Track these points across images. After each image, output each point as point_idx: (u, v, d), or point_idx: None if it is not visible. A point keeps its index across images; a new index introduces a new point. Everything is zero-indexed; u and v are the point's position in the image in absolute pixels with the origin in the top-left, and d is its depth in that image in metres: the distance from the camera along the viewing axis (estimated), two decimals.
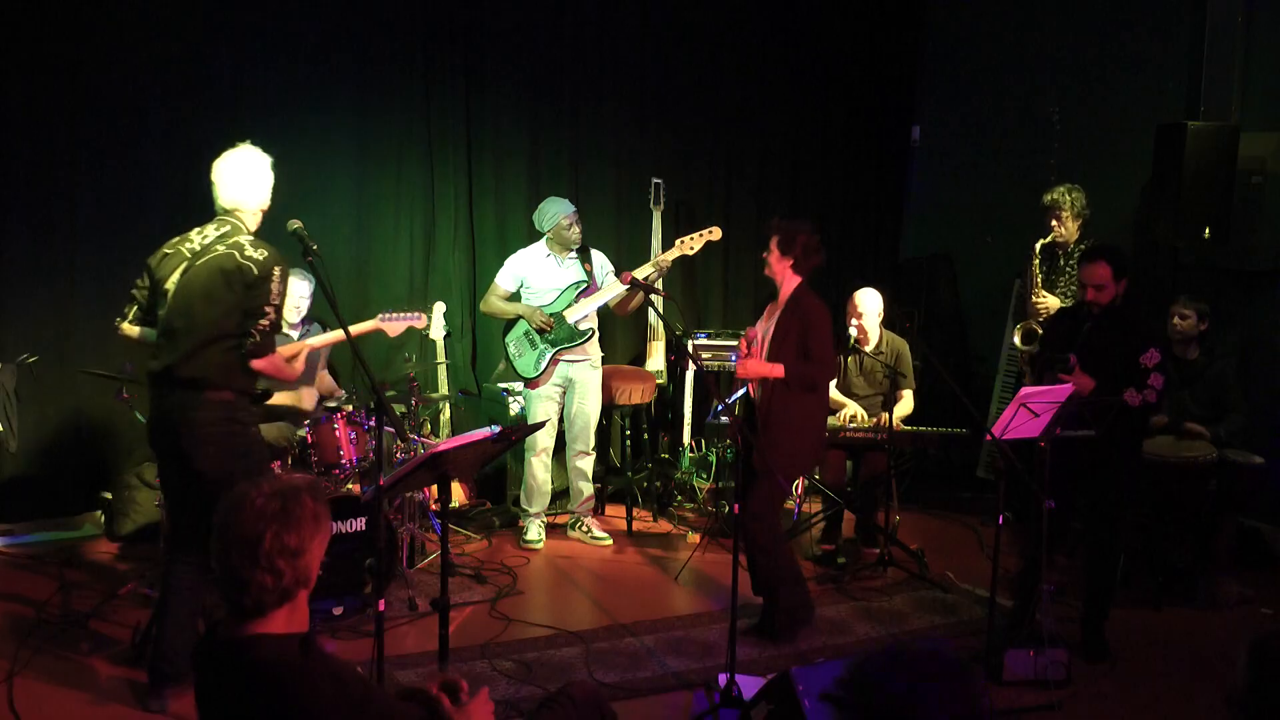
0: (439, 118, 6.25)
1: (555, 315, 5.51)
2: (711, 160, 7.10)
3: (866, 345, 5.57)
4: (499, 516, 5.95)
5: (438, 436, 5.76)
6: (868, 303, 5.54)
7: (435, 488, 5.15)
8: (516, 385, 5.83)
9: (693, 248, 5.57)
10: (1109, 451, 4.20)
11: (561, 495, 5.96)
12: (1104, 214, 5.88)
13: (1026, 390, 3.95)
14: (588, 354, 5.61)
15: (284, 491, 2.13)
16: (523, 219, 6.34)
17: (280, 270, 3.71)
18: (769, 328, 4.47)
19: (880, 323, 5.60)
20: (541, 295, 5.56)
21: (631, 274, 4.85)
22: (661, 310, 5.42)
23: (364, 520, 4.60)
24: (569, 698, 2.69)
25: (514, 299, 5.61)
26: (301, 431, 4.96)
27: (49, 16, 5.29)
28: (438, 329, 5.84)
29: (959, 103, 7.46)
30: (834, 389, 5.50)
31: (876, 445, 5.43)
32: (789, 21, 7.16)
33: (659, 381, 6.42)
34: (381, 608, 3.18)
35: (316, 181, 5.94)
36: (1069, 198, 5.53)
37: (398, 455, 5.09)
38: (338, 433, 4.85)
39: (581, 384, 5.61)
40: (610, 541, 5.70)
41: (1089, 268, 4.23)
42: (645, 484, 6.30)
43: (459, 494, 5.80)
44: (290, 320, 5.17)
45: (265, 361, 3.72)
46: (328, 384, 5.54)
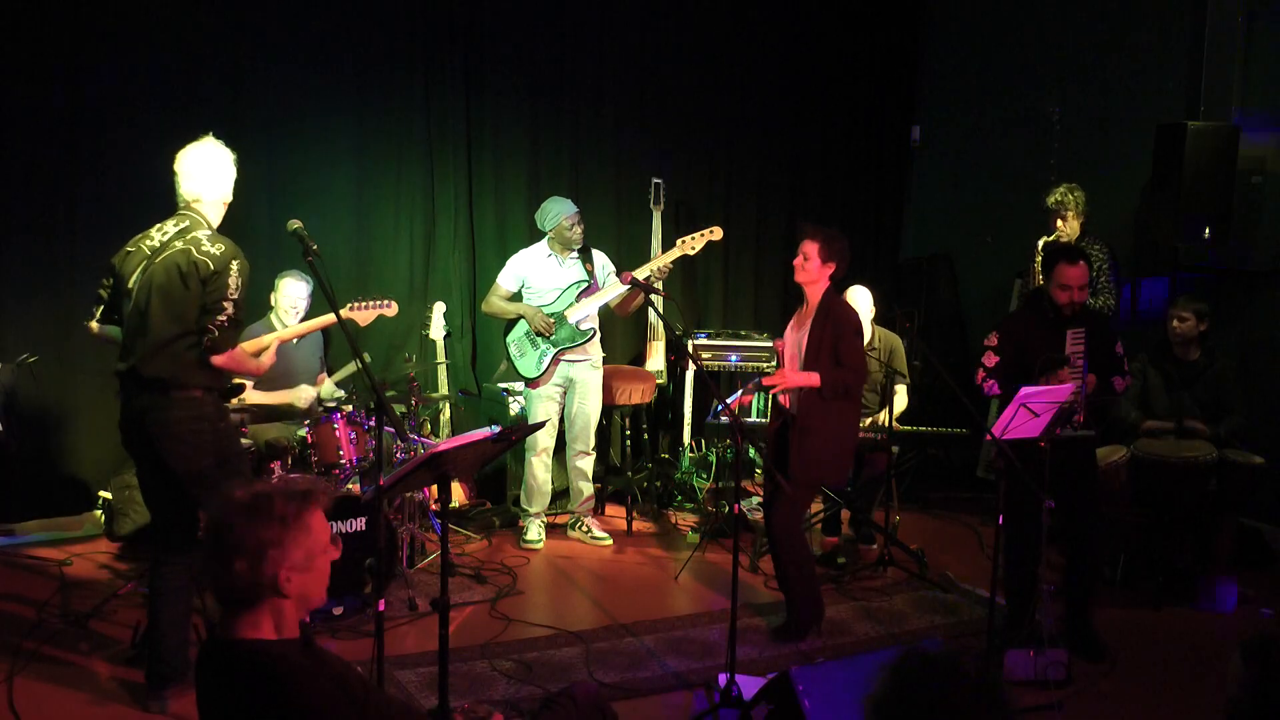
0: (439, 118, 6.25)
1: (556, 315, 5.51)
2: (711, 160, 7.10)
3: None
4: (499, 516, 5.95)
5: (438, 436, 5.76)
6: (859, 301, 5.55)
7: (435, 488, 5.15)
8: (516, 385, 5.83)
9: (694, 248, 5.57)
10: (1082, 446, 4.28)
11: (561, 495, 5.96)
12: (1104, 214, 5.88)
13: (1026, 390, 3.94)
14: (589, 354, 5.61)
15: (260, 491, 2.16)
16: (523, 219, 6.34)
17: (238, 264, 3.67)
18: (802, 336, 4.43)
19: (872, 319, 5.61)
20: (543, 295, 5.56)
21: (632, 274, 4.86)
22: (661, 310, 5.42)
23: (364, 520, 4.60)
24: (570, 698, 2.69)
25: (515, 299, 5.61)
26: (301, 431, 4.96)
27: (49, 18, 5.29)
28: (438, 329, 5.85)
29: (959, 103, 7.46)
30: None
31: (877, 445, 5.44)
32: (789, 21, 7.16)
33: (659, 381, 6.42)
34: (381, 608, 3.18)
35: (316, 181, 5.94)
36: (1073, 197, 5.56)
37: (398, 455, 5.09)
38: (338, 433, 4.85)
39: (582, 384, 5.61)
40: (610, 541, 5.70)
41: (1071, 270, 4.24)
42: (645, 484, 6.29)
43: (459, 494, 5.80)
44: (289, 321, 5.17)
45: (225, 357, 3.67)
46: (327, 385, 5.55)
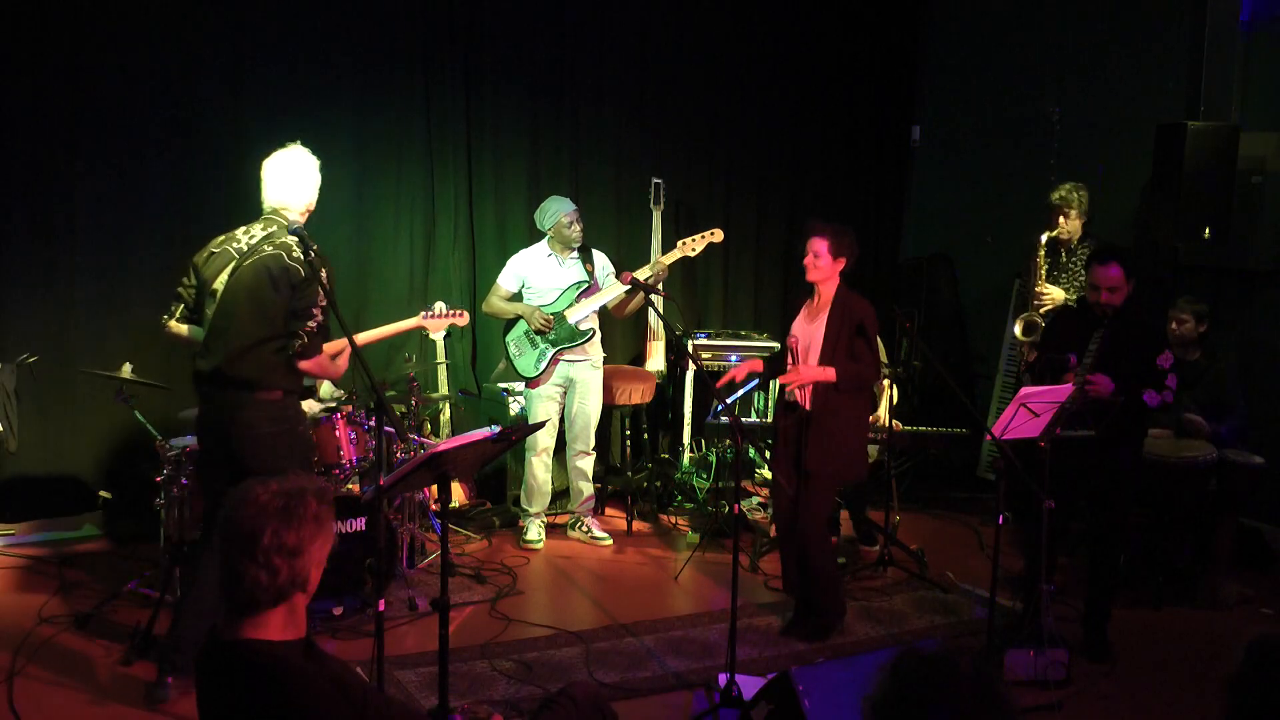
0: (439, 118, 6.25)
1: (556, 315, 5.51)
2: (711, 160, 7.10)
3: None
4: (499, 516, 5.94)
5: (438, 436, 5.76)
6: None
7: (435, 488, 5.15)
8: (516, 385, 5.83)
9: (694, 249, 5.57)
10: (1114, 451, 4.20)
11: (561, 495, 5.96)
12: (1104, 214, 5.89)
13: (1026, 390, 3.94)
14: (588, 354, 5.61)
15: (289, 491, 2.15)
16: (523, 219, 6.34)
17: (328, 272, 3.70)
18: (817, 330, 4.42)
19: None
20: (543, 295, 5.56)
21: (632, 275, 4.86)
22: (661, 310, 5.42)
23: (364, 520, 4.60)
24: (570, 698, 2.69)
25: (516, 299, 5.61)
26: None
27: (49, 17, 5.29)
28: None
29: (959, 102, 7.46)
30: None
31: (874, 444, 5.44)
32: (789, 21, 7.16)
33: (659, 381, 6.42)
34: (381, 608, 3.18)
35: None
36: (1076, 195, 5.56)
37: (398, 455, 5.09)
38: (338, 433, 4.85)
39: (582, 384, 5.61)
40: (610, 541, 5.70)
41: (1101, 270, 4.20)
42: (645, 484, 6.29)
43: (459, 494, 5.80)
44: None
45: (313, 363, 3.73)
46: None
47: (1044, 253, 5.62)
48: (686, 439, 6.49)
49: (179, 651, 3.73)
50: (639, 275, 5.26)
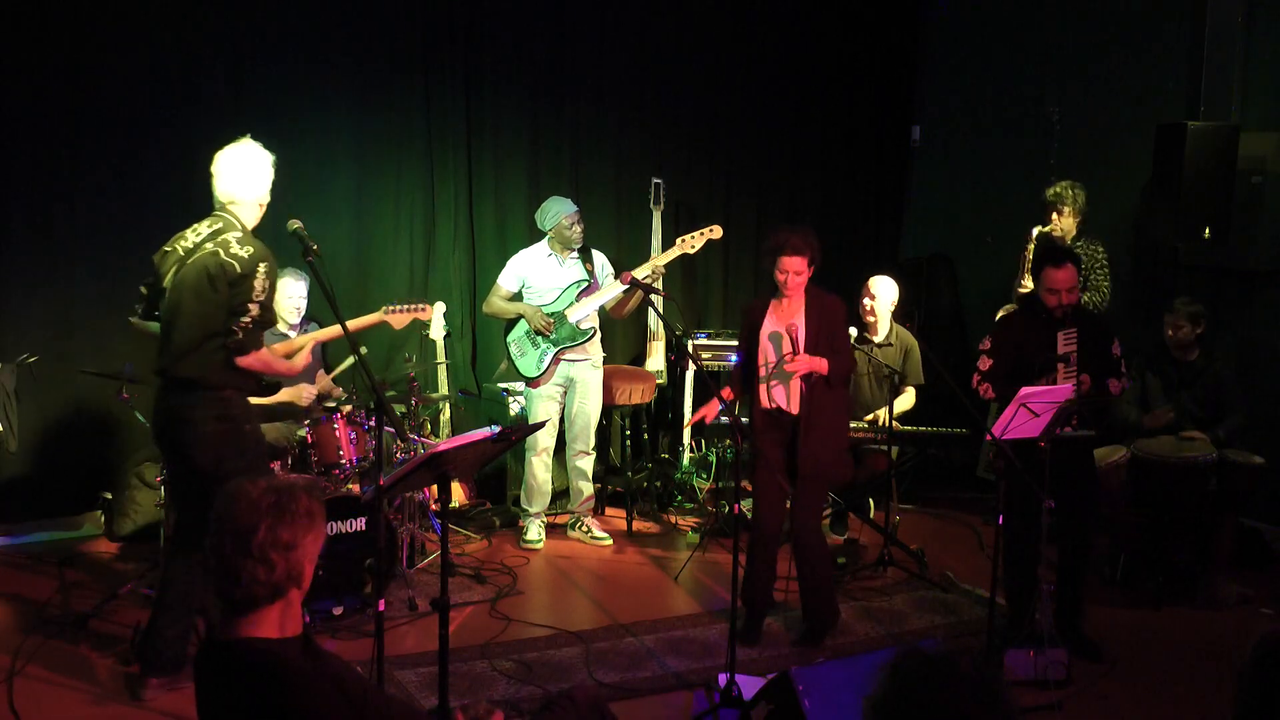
0: (439, 118, 6.25)
1: (556, 315, 5.51)
2: (711, 160, 7.10)
3: (875, 335, 5.58)
4: (499, 516, 5.94)
5: (438, 436, 5.76)
6: (883, 288, 5.57)
7: (435, 488, 5.15)
8: (517, 385, 5.83)
9: (694, 246, 5.57)
10: (1079, 448, 4.29)
11: (561, 495, 5.95)
12: (1104, 214, 5.89)
13: (1026, 390, 3.94)
14: (589, 354, 5.61)
15: (280, 487, 2.16)
16: (523, 219, 6.34)
17: (266, 266, 3.70)
18: (795, 328, 4.38)
19: (893, 315, 5.62)
20: (543, 295, 5.56)
21: (631, 274, 4.85)
22: (661, 310, 5.42)
23: (364, 520, 4.60)
24: (571, 700, 2.69)
25: (516, 299, 5.61)
26: (301, 431, 4.96)
27: (49, 18, 5.29)
28: (438, 329, 5.84)
29: (959, 102, 7.46)
30: None
31: (877, 445, 5.44)
32: (789, 21, 7.16)
33: (659, 381, 6.42)
34: (381, 608, 3.18)
35: (316, 181, 5.94)
36: (1071, 193, 5.58)
37: (398, 455, 5.09)
38: (338, 433, 4.85)
39: (583, 384, 5.61)
40: (610, 541, 5.69)
41: (1058, 273, 4.22)
42: (645, 484, 6.29)
43: (459, 494, 5.80)
44: (290, 320, 5.18)
45: (252, 358, 3.71)
46: (325, 383, 5.54)
47: (1032, 247, 5.65)
48: (686, 439, 6.49)
49: (155, 651, 3.75)
50: (638, 274, 5.27)
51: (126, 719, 3.71)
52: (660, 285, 5.82)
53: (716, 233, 5.62)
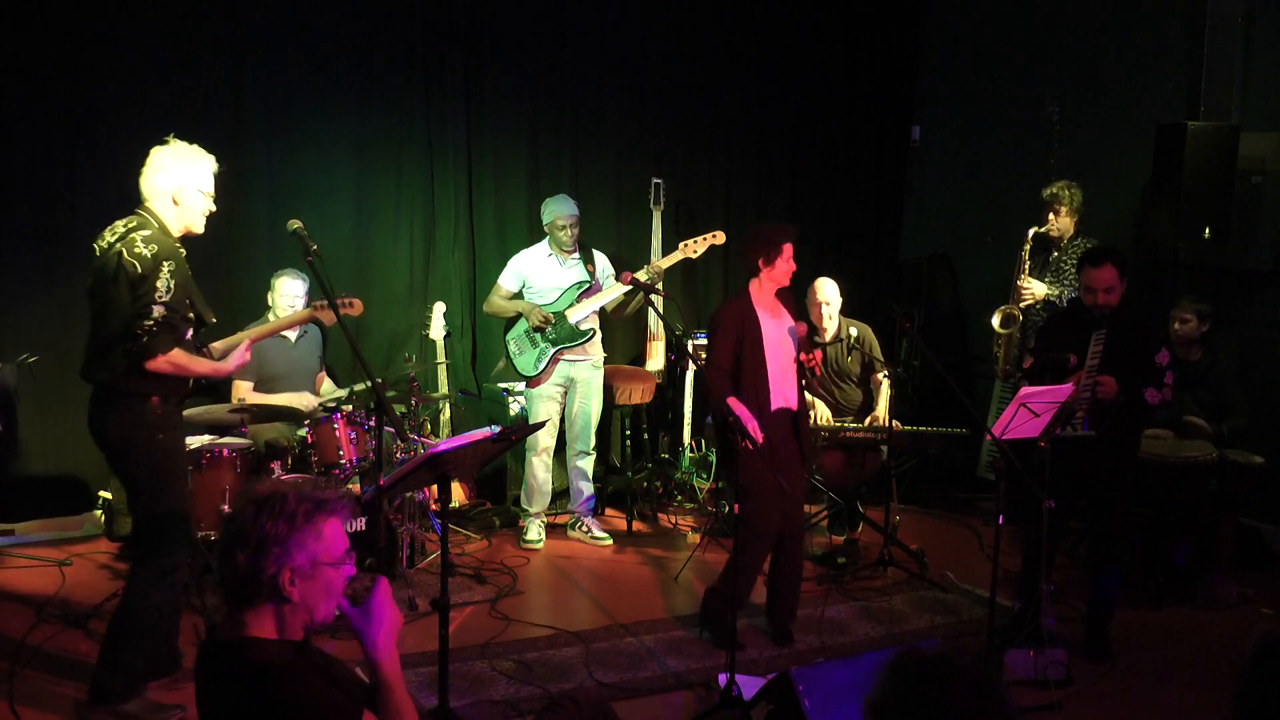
0: (439, 118, 6.25)
1: (556, 314, 5.51)
2: (711, 160, 7.10)
3: (825, 336, 5.62)
4: (499, 516, 5.95)
5: (438, 436, 5.76)
6: (832, 291, 5.61)
7: (435, 488, 5.15)
8: (517, 385, 5.83)
9: (696, 251, 5.58)
10: (1114, 451, 4.21)
11: (561, 495, 5.96)
12: (1104, 214, 5.89)
13: (1026, 390, 3.94)
14: (589, 354, 5.61)
15: (273, 486, 2.20)
16: (523, 219, 6.34)
17: (169, 265, 3.49)
18: (783, 331, 4.40)
19: (839, 310, 5.67)
20: (544, 295, 5.56)
21: (632, 275, 4.85)
22: (661, 311, 5.42)
23: (364, 520, 4.60)
24: (573, 701, 2.70)
25: (517, 299, 5.61)
26: (301, 431, 4.96)
27: (49, 18, 5.29)
28: (438, 329, 5.85)
29: (959, 103, 7.46)
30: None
31: (875, 445, 5.44)
32: (789, 22, 7.16)
33: (659, 381, 6.42)
34: None
35: (316, 181, 5.94)
36: (1068, 193, 5.59)
37: (398, 455, 5.09)
38: (338, 433, 4.85)
39: (583, 384, 5.61)
40: (610, 541, 5.70)
41: (1096, 272, 4.17)
42: (645, 484, 6.29)
43: (459, 494, 5.80)
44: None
45: (162, 361, 3.47)
46: (325, 385, 5.55)
47: (1029, 247, 5.66)
48: (686, 439, 6.49)
49: (107, 677, 3.55)
50: (639, 275, 5.26)
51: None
52: (660, 286, 5.82)
53: (719, 238, 5.62)
